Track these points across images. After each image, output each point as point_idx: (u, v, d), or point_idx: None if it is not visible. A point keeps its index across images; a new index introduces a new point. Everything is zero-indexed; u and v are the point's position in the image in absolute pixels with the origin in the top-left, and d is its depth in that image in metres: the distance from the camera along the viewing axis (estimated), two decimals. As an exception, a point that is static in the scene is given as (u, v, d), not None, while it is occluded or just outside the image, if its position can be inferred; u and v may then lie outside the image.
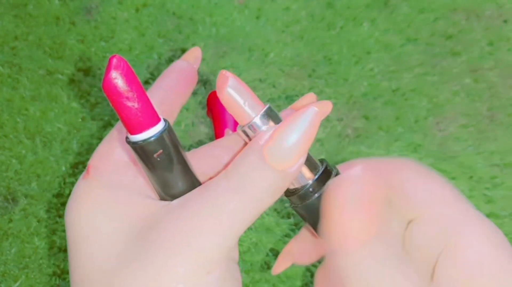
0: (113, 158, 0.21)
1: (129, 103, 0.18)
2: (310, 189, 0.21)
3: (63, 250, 0.68)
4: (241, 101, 0.20)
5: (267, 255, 0.66)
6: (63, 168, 0.72)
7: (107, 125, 0.74)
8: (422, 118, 0.71)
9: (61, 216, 0.69)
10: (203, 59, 0.89)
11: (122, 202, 0.20)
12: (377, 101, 0.73)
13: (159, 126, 0.18)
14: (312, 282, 0.66)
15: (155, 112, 0.18)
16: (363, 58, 0.75)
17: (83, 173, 0.21)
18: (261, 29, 0.79)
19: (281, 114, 0.23)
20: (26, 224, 0.69)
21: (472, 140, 0.69)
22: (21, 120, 0.74)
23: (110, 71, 0.17)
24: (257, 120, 0.20)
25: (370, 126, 0.71)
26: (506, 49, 0.75)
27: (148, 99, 0.18)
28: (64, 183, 0.71)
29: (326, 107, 0.24)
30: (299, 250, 0.25)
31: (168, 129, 0.19)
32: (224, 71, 0.20)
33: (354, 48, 0.76)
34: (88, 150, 0.73)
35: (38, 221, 0.69)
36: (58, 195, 0.70)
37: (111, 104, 0.18)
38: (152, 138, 0.18)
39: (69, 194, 0.73)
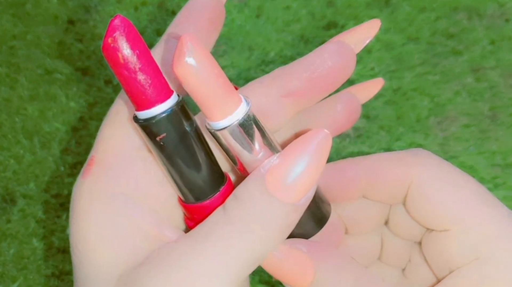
0: (120, 147, 0.18)
1: (136, 74, 0.15)
2: None
3: (62, 251, 0.67)
4: (204, 83, 0.15)
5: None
6: (62, 168, 0.71)
7: (106, 125, 0.74)
8: (423, 118, 0.70)
9: (59, 217, 0.69)
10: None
11: (126, 228, 0.17)
12: (378, 101, 0.73)
13: (174, 99, 0.16)
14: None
15: (167, 85, 0.16)
16: (364, 58, 0.75)
17: (85, 167, 0.18)
18: (261, 28, 0.78)
19: (304, 61, 0.19)
20: (24, 224, 0.69)
21: (474, 140, 0.69)
22: (19, 120, 0.74)
23: (110, 33, 0.14)
24: (234, 128, 0.16)
25: (371, 126, 0.71)
26: (508, 48, 0.75)
27: (157, 66, 0.15)
28: (63, 183, 0.70)
29: (374, 27, 0.21)
30: None
31: (181, 106, 0.16)
32: (185, 36, 0.15)
33: (355, 47, 0.76)
34: (87, 149, 0.72)
35: (37, 222, 0.69)
36: (57, 196, 0.70)
37: (115, 75, 0.16)
38: (169, 111, 0.15)
39: (68, 195, 0.73)
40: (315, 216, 0.20)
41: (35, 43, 0.78)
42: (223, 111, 0.16)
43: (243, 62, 0.76)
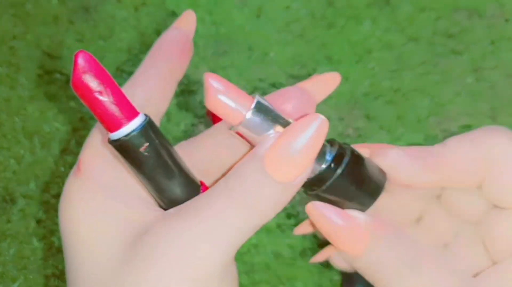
0: (104, 151, 0.20)
1: (103, 98, 0.17)
2: (332, 166, 0.20)
3: (62, 251, 0.68)
4: (230, 102, 0.18)
5: (267, 256, 0.65)
6: (62, 168, 0.71)
7: (106, 125, 0.74)
8: (423, 118, 0.70)
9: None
10: (202, 59, 0.88)
11: (118, 208, 0.19)
12: (378, 101, 0.72)
13: (140, 119, 0.18)
14: (313, 283, 0.66)
15: (132, 105, 0.18)
16: (364, 58, 0.75)
17: (74, 168, 0.20)
18: (261, 28, 0.78)
19: (285, 92, 0.22)
20: (24, 224, 0.69)
21: (474, 140, 0.69)
22: (19, 120, 0.74)
23: (77, 68, 0.16)
24: (249, 116, 0.18)
25: (371, 126, 0.71)
26: (508, 48, 0.75)
27: (122, 92, 0.17)
28: (63, 183, 0.70)
29: (334, 80, 0.23)
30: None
31: (149, 121, 0.18)
32: (207, 75, 0.18)
33: (355, 47, 0.76)
34: (87, 150, 0.73)
35: (37, 222, 0.69)
36: (57, 196, 0.70)
37: (84, 103, 0.17)
38: (135, 131, 0.17)
39: (67, 195, 0.71)
40: (370, 187, 0.20)
41: (35, 43, 0.78)
42: (239, 115, 0.19)
43: (243, 62, 0.76)
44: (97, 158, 0.20)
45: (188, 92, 0.74)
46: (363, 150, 0.21)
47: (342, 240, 0.19)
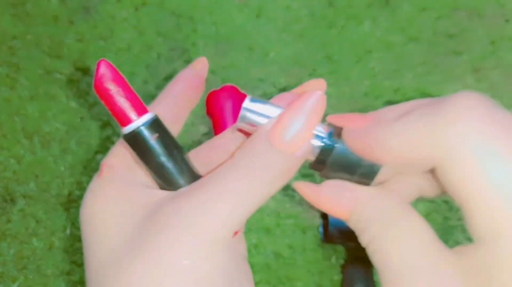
0: (126, 157, 0.22)
1: (119, 97, 0.20)
2: (330, 143, 0.21)
3: (62, 251, 0.67)
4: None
5: (268, 256, 0.65)
6: (62, 168, 0.71)
7: (106, 125, 0.74)
8: (423, 118, 0.70)
9: (59, 217, 0.69)
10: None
11: (131, 194, 0.21)
12: (379, 101, 0.73)
13: (150, 115, 0.21)
14: (313, 283, 0.66)
15: (144, 104, 0.21)
16: (364, 58, 0.75)
17: (97, 173, 0.22)
18: (261, 28, 0.78)
19: (281, 97, 0.24)
20: (24, 224, 0.69)
21: (474, 140, 0.69)
22: (19, 120, 0.74)
23: (98, 74, 0.20)
24: (245, 112, 0.21)
25: (371, 126, 0.71)
26: (508, 48, 0.75)
27: (135, 93, 0.21)
28: (63, 183, 0.70)
29: (320, 86, 0.25)
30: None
31: (157, 118, 0.21)
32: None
33: (355, 47, 0.76)
34: (87, 149, 0.72)
35: (37, 222, 0.69)
36: (57, 196, 0.70)
37: (103, 103, 0.20)
38: (147, 124, 0.20)
39: (68, 194, 0.73)
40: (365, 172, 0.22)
41: (35, 43, 0.78)
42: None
43: (243, 62, 0.76)
44: (119, 162, 0.22)
45: (188, 92, 0.74)
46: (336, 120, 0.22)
47: (328, 206, 0.21)
